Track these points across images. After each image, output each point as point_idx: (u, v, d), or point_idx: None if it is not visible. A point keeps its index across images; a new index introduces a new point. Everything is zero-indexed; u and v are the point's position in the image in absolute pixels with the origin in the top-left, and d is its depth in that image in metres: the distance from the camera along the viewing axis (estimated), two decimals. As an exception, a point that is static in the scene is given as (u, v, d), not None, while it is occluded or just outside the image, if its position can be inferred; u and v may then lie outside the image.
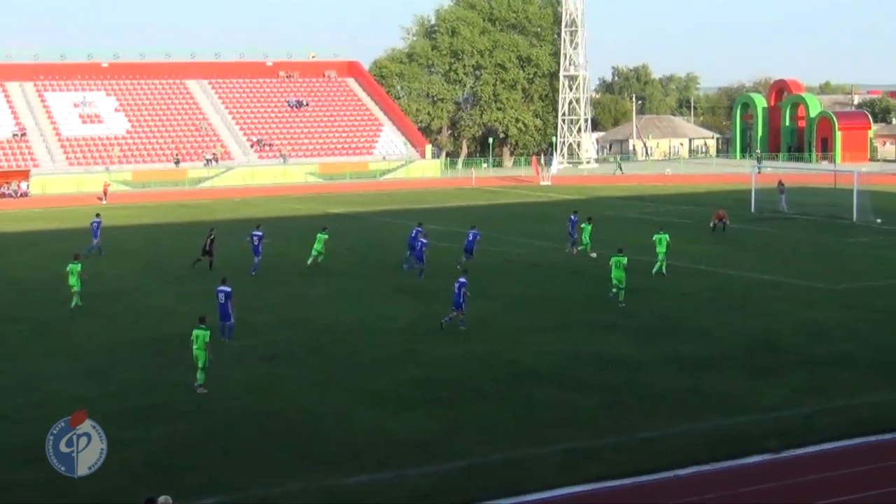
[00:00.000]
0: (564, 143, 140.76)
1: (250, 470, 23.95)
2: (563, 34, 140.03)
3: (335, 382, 31.14)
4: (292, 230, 66.30)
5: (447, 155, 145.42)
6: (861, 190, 72.65)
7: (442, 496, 22.55)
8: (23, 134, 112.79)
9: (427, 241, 51.29)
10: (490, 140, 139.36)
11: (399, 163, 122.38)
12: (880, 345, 35.05)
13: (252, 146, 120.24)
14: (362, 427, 26.81)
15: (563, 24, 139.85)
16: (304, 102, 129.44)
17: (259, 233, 52.15)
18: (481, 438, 25.82)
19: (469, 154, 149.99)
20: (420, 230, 53.24)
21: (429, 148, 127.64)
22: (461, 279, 38.17)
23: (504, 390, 29.96)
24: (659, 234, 49.37)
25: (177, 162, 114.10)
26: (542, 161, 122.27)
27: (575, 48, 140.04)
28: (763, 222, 69.39)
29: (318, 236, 53.39)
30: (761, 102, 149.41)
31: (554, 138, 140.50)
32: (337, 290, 46.62)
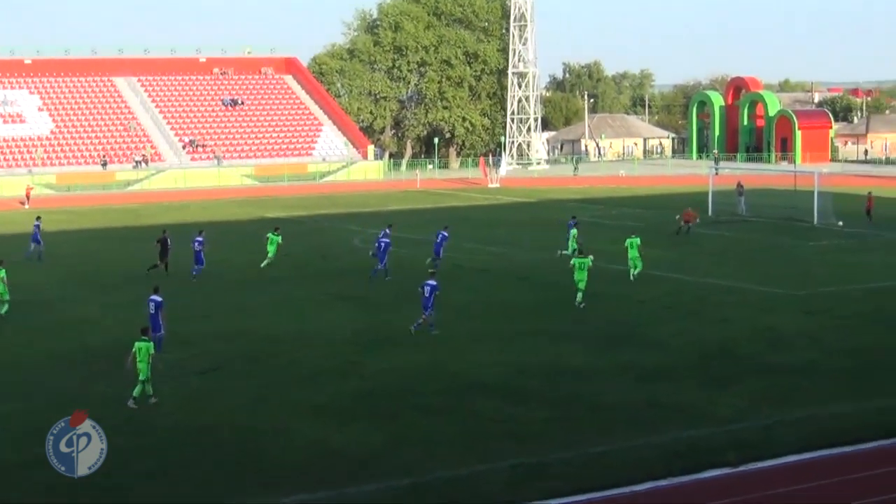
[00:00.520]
0: (513, 144, 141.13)
1: (181, 490, 23.78)
2: (512, 29, 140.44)
3: (274, 396, 31.00)
4: (228, 235, 66.05)
5: (390, 156, 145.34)
6: (822, 192, 73.31)
7: (385, 515, 22.52)
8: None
9: (389, 242, 51.58)
10: (435, 140, 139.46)
11: (340, 164, 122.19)
12: (842, 352, 35.33)
13: (184, 147, 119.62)
14: (302, 442, 26.72)
15: (512, 19, 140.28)
16: (240, 101, 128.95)
17: (201, 238, 52.45)
18: (426, 454, 25.80)
19: (413, 155, 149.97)
20: (387, 231, 53.81)
21: (371, 148, 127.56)
22: (430, 281, 38.35)
23: (450, 403, 29.95)
24: (630, 239, 50.00)
25: (104, 164, 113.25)
26: (491, 162, 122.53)
27: (524, 44, 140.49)
28: (721, 225, 69.88)
29: (270, 237, 53.98)
30: (718, 101, 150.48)
31: (502, 138, 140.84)
32: (276, 299, 46.44)
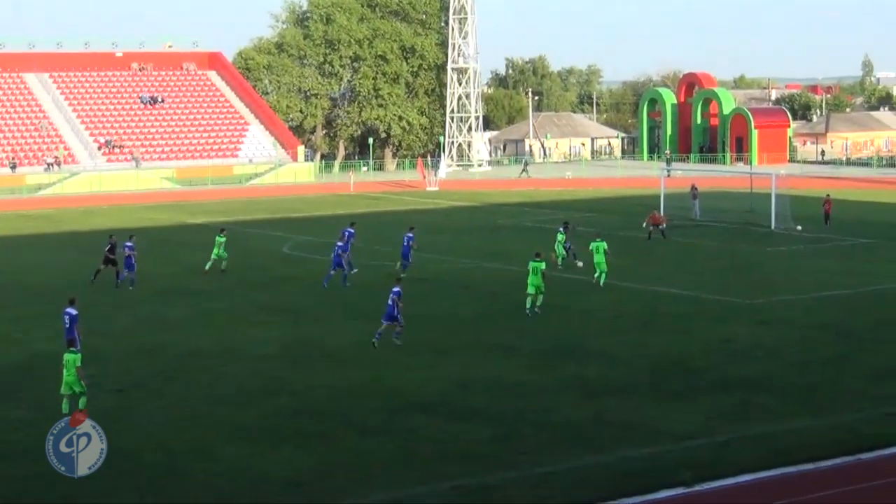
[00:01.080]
0: (453, 144, 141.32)
1: (98, 517, 23.60)
2: (452, 22, 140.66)
3: (196, 415, 30.82)
4: (146, 243, 65.52)
5: (322, 157, 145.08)
6: (780, 194, 73.90)
7: (317, 542, 22.43)
8: None
9: (343, 245, 51.70)
10: (370, 140, 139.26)
11: (267, 166, 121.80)
12: (801, 365, 35.64)
13: (100, 148, 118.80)
14: (226, 465, 26.56)
15: (451, 11, 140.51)
16: (160, 98, 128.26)
17: (131, 243, 52.52)
18: (361, 476, 25.72)
19: (347, 156, 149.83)
20: (351, 231, 54.24)
21: (301, 149, 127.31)
22: (395, 288, 38.43)
23: (386, 422, 29.89)
24: (596, 242, 50.39)
25: (13, 166, 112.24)
26: (429, 164, 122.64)
27: (464, 38, 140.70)
28: (673, 230, 70.25)
29: (217, 239, 54.44)
30: (670, 98, 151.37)
31: (441, 138, 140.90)
32: (198, 311, 46.20)
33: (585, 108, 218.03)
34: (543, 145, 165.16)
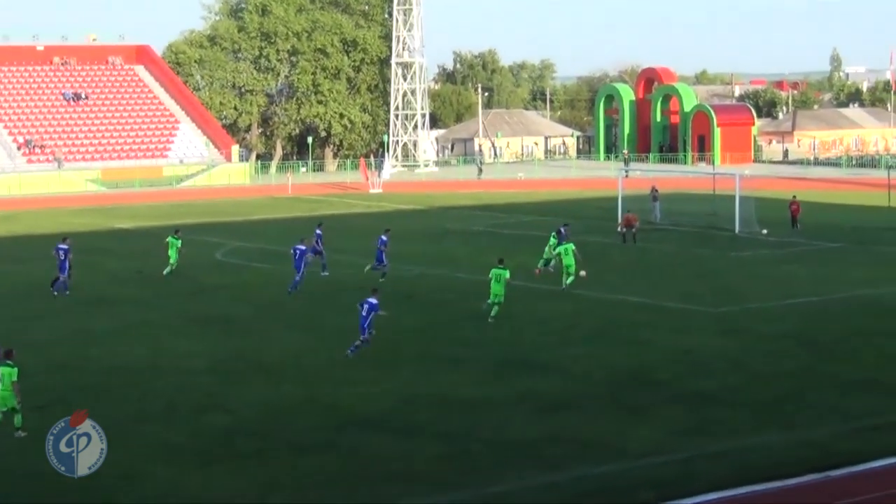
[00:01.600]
0: (398, 143, 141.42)
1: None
2: (396, 13, 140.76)
3: (122, 434, 30.52)
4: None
5: (258, 157, 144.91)
6: (744, 196, 74.29)
7: (252, 570, 22.32)
8: None
9: (305, 249, 51.86)
10: (309, 140, 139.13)
11: (200, 167, 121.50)
12: (766, 377, 35.76)
13: (19, 148, 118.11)
14: (155, 488, 26.39)
15: (396, 2, 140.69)
16: (83, 95, 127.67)
17: (65, 246, 52.39)
18: (300, 498, 25.65)
19: (284, 156, 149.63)
20: (318, 233, 55.01)
21: (235, 149, 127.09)
22: (371, 299, 38.53)
23: (326, 440, 29.79)
24: (564, 245, 50.83)
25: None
26: (372, 164, 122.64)
27: (409, 30, 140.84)
28: (620, 236, 70.41)
29: (170, 241, 55.08)
30: (628, 94, 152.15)
31: (385, 137, 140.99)
32: (124, 323, 45.93)
33: (538, 105, 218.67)
34: (494, 144, 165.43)
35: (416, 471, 27.33)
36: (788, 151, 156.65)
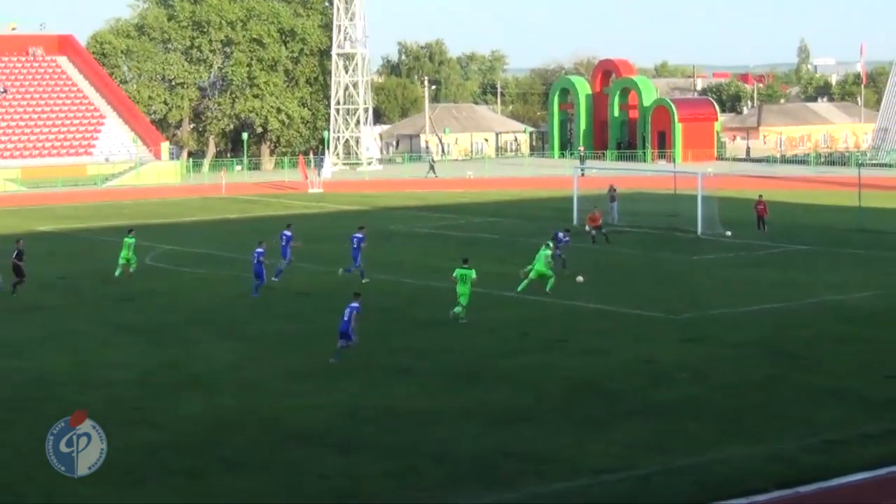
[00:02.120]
0: (339, 140, 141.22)
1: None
2: (337, 2, 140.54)
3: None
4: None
5: (190, 155, 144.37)
6: (707, 196, 74.56)
7: None
8: None
9: (263, 252, 52.12)
10: (244, 136, 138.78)
11: (127, 166, 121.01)
12: (730, 388, 35.93)
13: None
14: (80, 509, 26.30)
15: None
16: (2, 88, 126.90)
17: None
18: (235, 519, 25.62)
19: (218, 154, 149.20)
20: (289, 235, 55.40)
21: (165, 146, 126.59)
22: (353, 304, 38.76)
23: (264, 456, 29.73)
24: (542, 251, 51.54)
25: None
26: (312, 162, 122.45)
27: (351, 19, 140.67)
28: (588, 237, 70.66)
29: (126, 241, 55.26)
30: (584, 88, 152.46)
31: (326, 133, 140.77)
32: (47, 331, 45.67)
33: (489, 99, 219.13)
34: (441, 141, 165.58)
35: (360, 488, 27.32)
36: (750, 149, 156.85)
